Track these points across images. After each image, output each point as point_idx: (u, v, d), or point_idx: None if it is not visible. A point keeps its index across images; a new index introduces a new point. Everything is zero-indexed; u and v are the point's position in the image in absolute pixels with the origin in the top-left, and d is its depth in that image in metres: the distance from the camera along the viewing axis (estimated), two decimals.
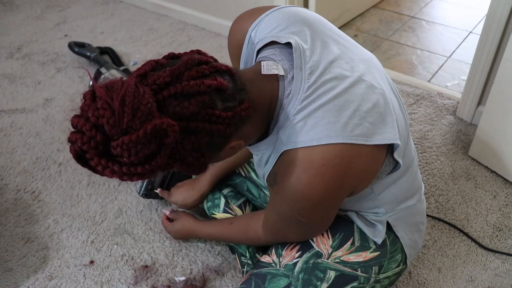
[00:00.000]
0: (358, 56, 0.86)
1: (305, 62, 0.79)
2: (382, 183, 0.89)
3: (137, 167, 0.65)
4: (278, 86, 0.80)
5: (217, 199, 1.21)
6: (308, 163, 0.75)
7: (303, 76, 0.78)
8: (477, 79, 1.60)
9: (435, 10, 2.53)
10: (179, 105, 0.66)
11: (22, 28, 2.50)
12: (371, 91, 0.80)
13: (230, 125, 0.72)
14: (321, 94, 0.77)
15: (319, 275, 0.94)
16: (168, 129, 0.63)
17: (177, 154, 0.69)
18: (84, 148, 0.63)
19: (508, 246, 1.30)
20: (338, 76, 0.79)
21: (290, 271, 0.95)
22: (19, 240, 1.37)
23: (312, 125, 0.76)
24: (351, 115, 0.76)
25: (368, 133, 0.76)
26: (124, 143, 0.62)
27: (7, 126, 1.81)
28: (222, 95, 0.71)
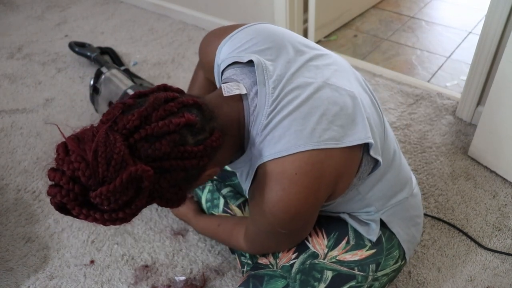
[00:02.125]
0: (323, 62, 0.87)
1: (268, 77, 0.80)
2: (367, 183, 0.89)
3: (118, 213, 0.66)
4: (242, 105, 0.81)
5: (216, 199, 1.21)
6: (280, 174, 0.76)
7: (266, 91, 0.79)
8: (477, 79, 1.60)
9: (435, 10, 2.54)
10: (150, 147, 0.68)
11: (22, 28, 2.50)
12: (338, 93, 0.81)
13: (203, 157, 0.73)
14: (285, 104, 0.78)
15: (316, 275, 0.94)
16: (143, 174, 0.65)
17: (155, 193, 0.71)
18: (64, 201, 0.64)
19: (507, 245, 1.30)
20: (301, 85, 0.80)
21: (287, 272, 0.96)
22: (19, 240, 1.38)
23: (279, 136, 0.77)
24: (318, 121, 0.77)
25: (338, 136, 0.77)
26: (103, 194, 0.63)
27: (8, 126, 1.82)
28: (191, 130, 0.72)
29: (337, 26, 2.36)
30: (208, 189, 1.23)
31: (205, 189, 1.24)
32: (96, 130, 0.67)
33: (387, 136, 0.93)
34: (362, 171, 0.85)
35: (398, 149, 1.00)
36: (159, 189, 0.70)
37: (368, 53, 2.15)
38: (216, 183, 1.23)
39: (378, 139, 0.86)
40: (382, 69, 1.98)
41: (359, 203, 0.94)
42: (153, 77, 2.04)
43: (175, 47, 2.27)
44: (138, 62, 2.16)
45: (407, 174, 1.02)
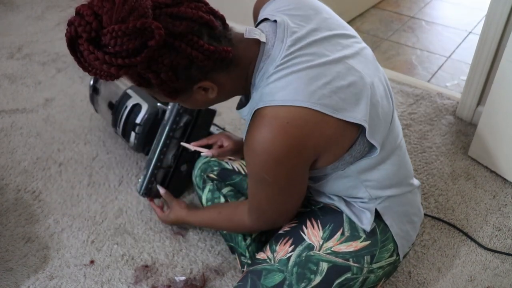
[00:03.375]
0: (348, 42, 0.90)
1: (287, 35, 0.85)
2: (361, 164, 0.91)
3: (118, 59, 0.71)
4: (258, 52, 0.85)
5: (217, 199, 1.21)
6: (273, 119, 0.80)
7: (282, 47, 0.84)
8: (477, 79, 1.60)
9: (435, 10, 2.54)
10: (171, 22, 0.73)
11: (22, 28, 2.50)
12: (350, 72, 0.84)
13: (210, 58, 0.77)
14: (296, 63, 0.82)
15: (312, 267, 0.95)
16: (155, 30, 0.70)
17: (155, 65, 0.74)
18: (79, 30, 0.70)
19: (507, 245, 1.30)
20: (317, 53, 0.84)
21: (284, 265, 0.96)
22: (19, 240, 1.38)
23: (281, 87, 0.81)
24: (321, 86, 0.80)
25: (337, 106, 0.80)
26: (114, 31, 0.69)
27: (8, 126, 1.82)
28: (210, 32, 0.78)
29: None
30: (208, 189, 1.23)
31: (206, 188, 1.24)
32: None
33: (393, 129, 0.95)
34: (354, 149, 0.87)
35: (404, 145, 1.02)
36: (160, 64, 0.74)
37: None
38: (216, 182, 1.23)
39: (381, 128, 0.88)
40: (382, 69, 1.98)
41: (353, 185, 0.95)
42: None
43: None
44: None
45: (407, 173, 1.03)
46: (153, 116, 1.42)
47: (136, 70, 0.74)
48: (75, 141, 1.72)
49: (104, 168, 1.60)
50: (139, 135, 1.44)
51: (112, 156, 1.65)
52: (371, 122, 0.84)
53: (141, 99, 1.45)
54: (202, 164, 1.26)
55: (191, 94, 0.84)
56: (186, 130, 1.36)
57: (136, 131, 1.44)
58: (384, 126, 0.89)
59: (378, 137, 0.87)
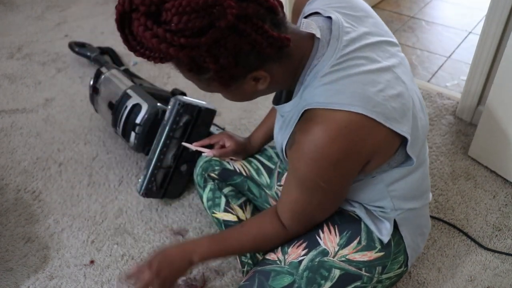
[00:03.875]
0: (394, 50, 0.89)
1: (343, 35, 0.82)
2: (392, 174, 0.90)
3: (180, 38, 0.64)
4: (312, 46, 0.82)
5: (218, 199, 1.21)
6: (331, 122, 0.76)
7: (338, 46, 0.81)
8: (477, 79, 1.60)
9: (435, 10, 2.54)
10: (237, 3, 0.67)
11: (22, 28, 2.50)
12: (397, 82, 0.82)
13: (271, 46, 0.73)
14: (352, 66, 0.79)
15: (324, 273, 0.94)
16: (227, 9, 0.64)
17: (217, 49, 0.69)
18: (135, 2, 0.63)
19: (507, 245, 1.30)
20: (370, 57, 0.82)
21: (295, 269, 0.96)
22: (19, 240, 1.38)
23: (338, 90, 0.78)
24: (376, 93, 0.78)
25: (389, 115, 0.78)
26: (181, 6, 0.62)
27: (8, 126, 1.82)
28: (273, 17, 0.73)
29: None
30: (209, 188, 1.23)
31: (207, 187, 1.24)
32: None
33: (425, 143, 0.95)
34: (393, 160, 0.86)
35: (428, 160, 1.02)
36: (222, 48, 0.69)
37: None
38: (217, 182, 1.23)
39: (419, 141, 0.87)
40: None
41: (379, 193, 0.94)
42: (153, 77, 2.04)
43: None
44: (138, 62, 2.16)
45: (428, 186, 1.04)
46: (153, 116, 1.42)
47: (196, 53, 0.67)
48: (75, 141, 1.72)
49: (104, 168, 1.60)
50: (139, 135, 1.43)
51: (112, 156, 1.65)
52: (412, 135, 0.83)
53: (141, 99, 1.45)
54: (203, 163, 1.26)
55: (242, 84, 0.79)
56: (186, 130, 1.36)
57: (136, 131, 1.44)
58: (422, 140, 0.89)
59: (416, 149, 0.87)
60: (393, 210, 0.96)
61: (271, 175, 1.18)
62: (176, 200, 1.47)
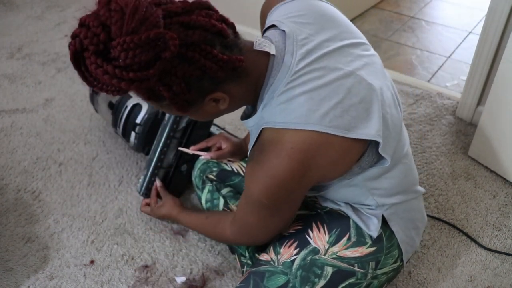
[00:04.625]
0: (359, 51, 0.88)
1: (297, 48, 0.83)
2: (369, 174, 0.90)
3: (129, 73, 0.67)
4: (267, 65, 0.83)
5: (216, 200, 1.21)
6: (279, 143, 0.79)
7: (292, 61, 0.82)
8: (477, 79, 1.60)
9: (435, 10, 2.54)
10: (183, 32, 0.70)
11: (22, 28, 2.50)
12: (361, 86, 0.83)
13: (223, 69, 0.75)
14: (306, 81, 0.80)
15: (316, 271, 0.95)
16: (170, 41, 0.66)
17: (167, 78, 0.72)
18: (85, 42, 0.66)
19: (507, 245, 1.30)
20: (329, 67, 0.82)
21: (288, 268, 0.96)
22: (19, 240, 1.38)
23: (293, 109, 0.80)
24: (333, 106, 0.79)
25: (349, 126, 0.79)
26: (125, 43, 0.64)
27: (8, 126, 1.82)
28: (222, 41, 0.76)
29: None
30: (207, 189, 1.23)
31: (205, 189, 1.24)
32: None
33: (401, 139, 0.95)
34: (363, 161, 0.86)
35: (410, 153, 1.01)
36: (173, 76, 0.72)
37: None
38: (215, 183, 1.23)
39: (391, 140, 0.87)
40: None
41: (360, 193, 0.94)
42: None
43: None
44: None
45: (413, 179, 1.03)
46: (153, 116, 1.42)
47: (148, 84, 0.70)
48: (75, 141, 1.72)
49: (104, 168, 1.60)
50: (139, 135, 1.43)
51: (112, 156, 1.65)
52: (382, 135, 0.83)
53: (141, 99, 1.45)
54: (201, 165, 1.26)
55: (202, 106, 0.82)
56: (187, 130, 1.36)
57: (136, 131, 1.44)
58: (394, 137, 0.89)
59: (388, 149, 0.86)
60: (378, 206, 0.96)
61: None
62: None
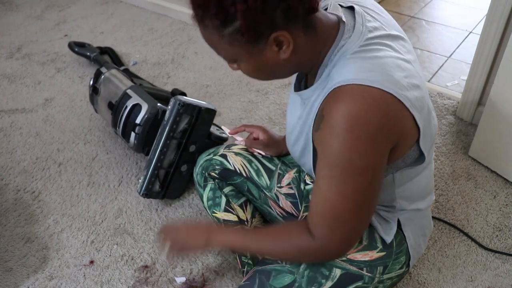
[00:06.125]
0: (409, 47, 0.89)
1: (366, 21, 0.82)
2: (403, 174, 0.90)
3: None
4: (338, 28, 0.81)
5: (218, 198, 1.20)
6: (364, 94, 0.73)
7: (363, 30, 0.81)
8: (477, 79, 1.60)
9: (435, 10, 2.53)
10: None
11: (22, 28, 2.50)
12: (417, 74, 0.83)
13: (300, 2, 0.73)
14: (379, 49, 0.79)
15: (324, 272, 0.94)
16: None
17: None
18: None
19: (508, 246, 1.30)
20: (393, 47, 0.81)
21: (296, 267, 0.95)
22: (19, 240, 1.37)
23: (368, 68, 0.76)
24: (403, 77, 0.77)
25: (414, 103, 0.78)
26: None
27: (7, 126, 1.81)
28: None
29: None
30: (209, 187, 1.22)
31: (207, 187, 1.23)
32: None
33: (433, 143, 0.94)
34: (408, 155, 0.85)
35: (433, 162, 1.01)
36: None
37: None
38: (218, 181, 1.22)
39: (429, 139, 0.87)
40: None
41: (387, 194, 0.93)
42: (153, 77, 2.03)
43: (175, 46, 2.26)
44: (138, 62, 2.15)
45: (432, 188, 1.04)
46: (153, 116, 1.41)
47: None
48: (74, 141, 1.72)
49: (104, 168, 1.60)
50: (139, 135, 1.43)
51: (112, 156, 1.65)
52: (425, 130, 0.83)
53: (141, 99, 1.45)
54: (204, 162, 1.25)
55: (264, 48, 0.76)
56: (186, 130, 1.35)
57: (136, 131, 1.43)
58: (431, 138, 0.89)
59: (427, 146, 0.86)
60: (398, 210, 0.96)
61: (271, 177, 1.17)
62: (176, 200, 1.47)
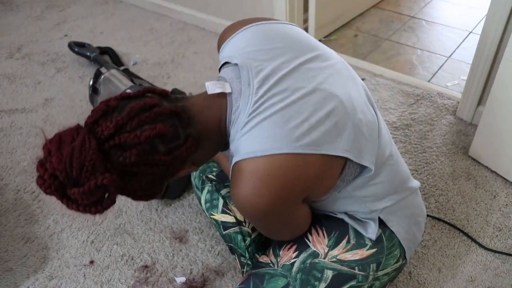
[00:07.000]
0: (320, 64, 0.87)
1: (253, 77, 0.82)
2: (355, 184, 0.89)
3: (91, 208, 0.74)
4: (226, 104, 0.83)
5: (216, 200, 1.20)
6: (253, 173, 0.77)
7: (250, 91, 0.81)
8: (477, 79, 1.60)
9: (435, 10, 2.53)
10: (121, 155, 0.73)
11: (22, 28, 2.50)
12: (327, 100, 0.81)
13: (173, 164, 0.78)
14: (268, 106, 0.79)
15: (316, 274, 0.94)
16: (110, 184, 0.71)
17: (126, 191, 0.78)
18: (47, 191, 0.72)
19: (508, 246, 1.30)
20: (289, 88, 0.81)
21: (288, 271, 0.96)
22: (19, 240, 1.37)
23: (257, 136, 0.78)
24: (298, 125, 0.77)
25: (319, 142, 0.78)
26: (75, 193, 0.71)
27: (7, 126, 1.81)
28: (163, 139, 0.76)
29: (338, 26, 2.36)
30: (207, 190, 1.23)
31: (204, 189, 1.23)
32: (76, 133, 0.73)
33: (381, 142, 0.92)
34: (345, 174, 0.85)
35: (395, 152, 0.99)
36: (130, 188, 0.77)
37: (369, 53, 2.14)
38: (215, 183, 1.22)
39: (370, 147, 0.85)
40: (382, 69, 1.98)
41: (350, 203, 0.94)
42: (152, 77, 2.03)
43: (175, 47, 2.27)
44: (138, 62, 2.15)
45: (404, 176, 1.01)
46: None
47: (113, 202, 0.76)
48: None
49: None
50: None
51: None
52: (357, 146, 0.82)
53: None
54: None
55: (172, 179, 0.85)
56: None
57: None
58: (372, 143, 0.87)
59: (368, 157, 0.85)
60: (372, 211, 0.96)
61: None
62: (176, 200, 1.47)
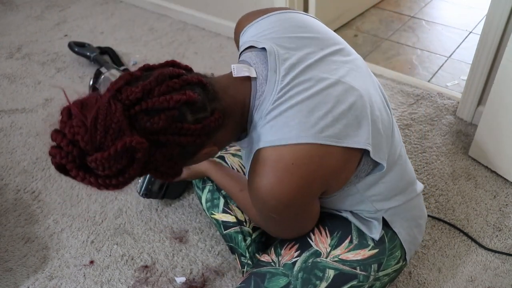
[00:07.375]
0: (342, 58, 0.87)
1: (280, 64, 0.81)
2: (366, 181, 0.90)
3: (112, 179, 0.68)
4: (250, 88, 0.82)
5: (216, 199, 1.21)
6: (277, 162, 0.77)
7: (276, 78, 0.80)
8: (477, 79, 1.60)
9: (435, 10, 2.53)
10: (149, 120, 0.69)
11: (22, 28, 2.50)
12: (349, 93, 0.81)
13: (200, 136, 0.75)
14: (294, 95, 0.79)
15: (318, 274, 0.95)
16: (137, 146, 0.66)
17: (150, 165, 0.72)
18: (62, 162, 0.67)
19: (508, 246, 1.30)
20: (313, 78, 0.81)
21: (289, 270, 0.96)
22: (19, 240, 1.37)
23: (282, 125, 0.77)
24: (323, 116, 0.77)
25: (340, 135, 0.78)
26: (98, 160, 0.65)
27: (7, 126, 1.81)
28: (192, 108, 0.73)
29: (337, 26, 2.36)
30: (208, 189, 1.23)
31: (205, 189, 1.23)
32: (100, 97, 0.69)
33: (394, 141, 0.93)
34: (360, 170, 0.85)
35: (404, 153, 1.00)
36: (154, 161, 0.72)
37: (369, 53, 2.14)
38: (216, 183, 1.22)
39: (384, 144, 0.86)
40: (382, 69, 1.98)
41: (358, 201, 0.94)
42: None
43: (175, 46, 2.26)
44: (138, 62, 2.15)
45: (410, 178, 1.02)
46: None
47: (134, 177, 0.71)
48: None
49: None
50: None
51: None
52: (374, 141, 0.82)
53: None
54: None
55: (194, 161, 0.82)
56: None
57: None
58: (386, 141, 0.88)
59: (382, 154, 0.86)
60: (378, 211, 0.96)
61: None
62: (176, 200, 1.47)
